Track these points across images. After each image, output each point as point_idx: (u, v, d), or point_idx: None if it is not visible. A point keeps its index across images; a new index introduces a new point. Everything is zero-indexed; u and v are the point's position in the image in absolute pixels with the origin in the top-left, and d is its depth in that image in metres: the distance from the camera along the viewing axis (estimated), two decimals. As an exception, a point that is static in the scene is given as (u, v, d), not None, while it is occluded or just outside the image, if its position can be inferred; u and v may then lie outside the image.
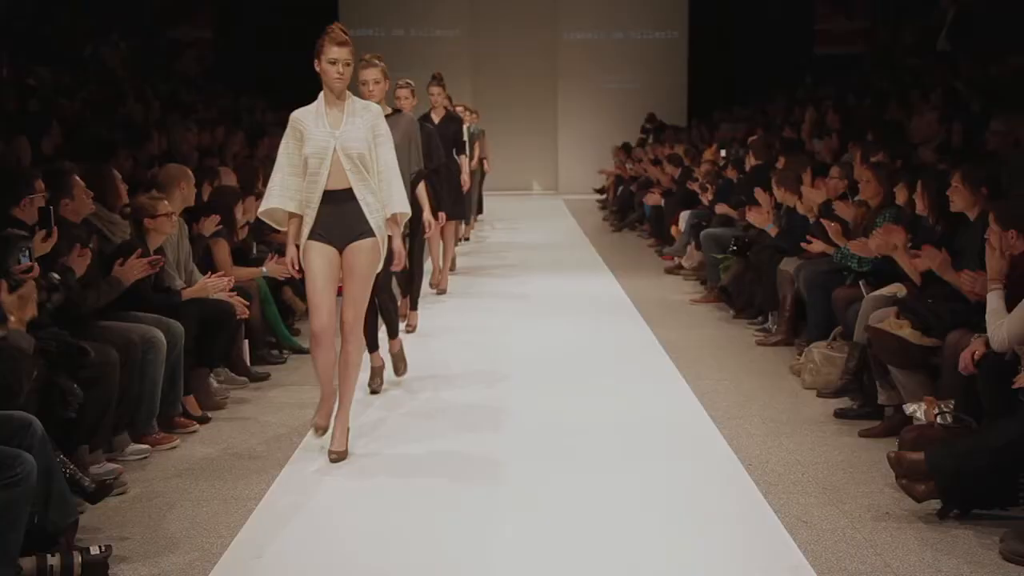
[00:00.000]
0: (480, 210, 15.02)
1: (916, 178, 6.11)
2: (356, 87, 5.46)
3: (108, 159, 7.07)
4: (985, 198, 5.31)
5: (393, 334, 6.53)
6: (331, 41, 4.88)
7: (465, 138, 10.57)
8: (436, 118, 9.36)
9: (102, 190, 5.74)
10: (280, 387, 6.59)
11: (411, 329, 7.91)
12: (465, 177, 10.37)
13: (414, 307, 8.08)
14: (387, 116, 5.27)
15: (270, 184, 5.09)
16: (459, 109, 11.90)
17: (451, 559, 4.05)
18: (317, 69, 4.97)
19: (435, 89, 9.28)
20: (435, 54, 19.38)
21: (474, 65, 20.69)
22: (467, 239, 13.45)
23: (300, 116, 5.02)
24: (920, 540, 4.15)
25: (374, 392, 6.29)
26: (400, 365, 6.55)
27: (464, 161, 10.25)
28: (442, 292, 9.75)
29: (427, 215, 7.00)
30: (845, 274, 6.63)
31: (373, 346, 6.35)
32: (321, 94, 5.02)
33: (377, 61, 5.68)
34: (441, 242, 9.93)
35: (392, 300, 6.55)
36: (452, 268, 10.62)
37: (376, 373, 6.40)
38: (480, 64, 20.80)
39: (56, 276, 4.37)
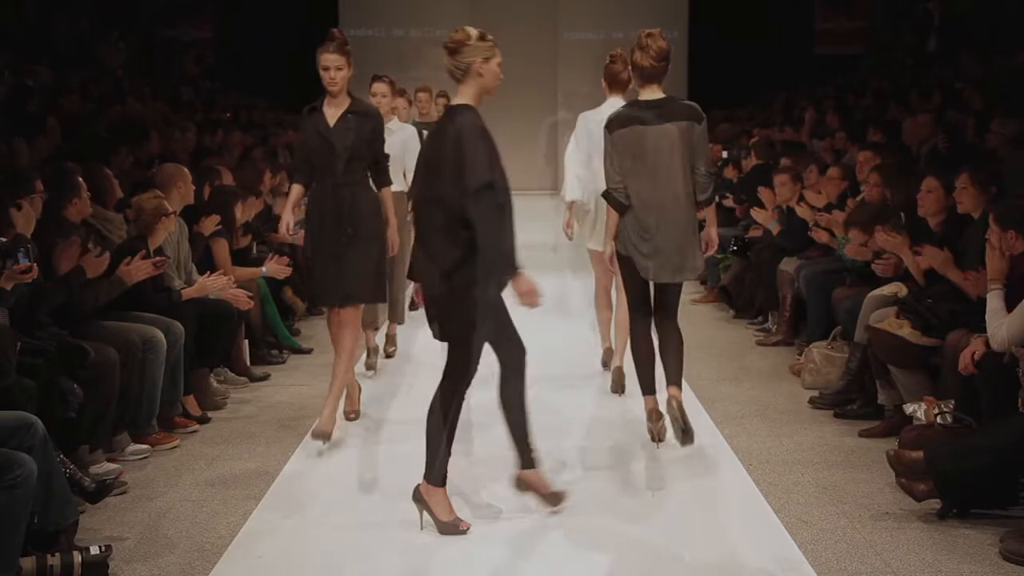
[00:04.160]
0: None
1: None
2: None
3: (108, 159, 7.08)
4: (994, 197, 5.31)
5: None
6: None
7: (392, 149, 5.96)
8: (331, 116, 5.34)
9: (99, 189, 5.79)
10: (280, 387, 6.60)
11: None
12: (392, 235, 5.48)
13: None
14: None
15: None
16: (427, 98, 9.25)
17: (451, 557, 4.05)
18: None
19: (331, 56, 5.26)
20: (435, 54, 19.26)
21: (474, 65, 20.69)
22: (389, 354, 7.15)
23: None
24: (920, 540, 4.15)
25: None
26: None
27: (387, 195, 5.49)
28: (353, 418, 5.78)
29: None
30: (845, 274, 6.63)
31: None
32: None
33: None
34: (345, 339, 5.42)
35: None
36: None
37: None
38: (480, 64, 20.81)
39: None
